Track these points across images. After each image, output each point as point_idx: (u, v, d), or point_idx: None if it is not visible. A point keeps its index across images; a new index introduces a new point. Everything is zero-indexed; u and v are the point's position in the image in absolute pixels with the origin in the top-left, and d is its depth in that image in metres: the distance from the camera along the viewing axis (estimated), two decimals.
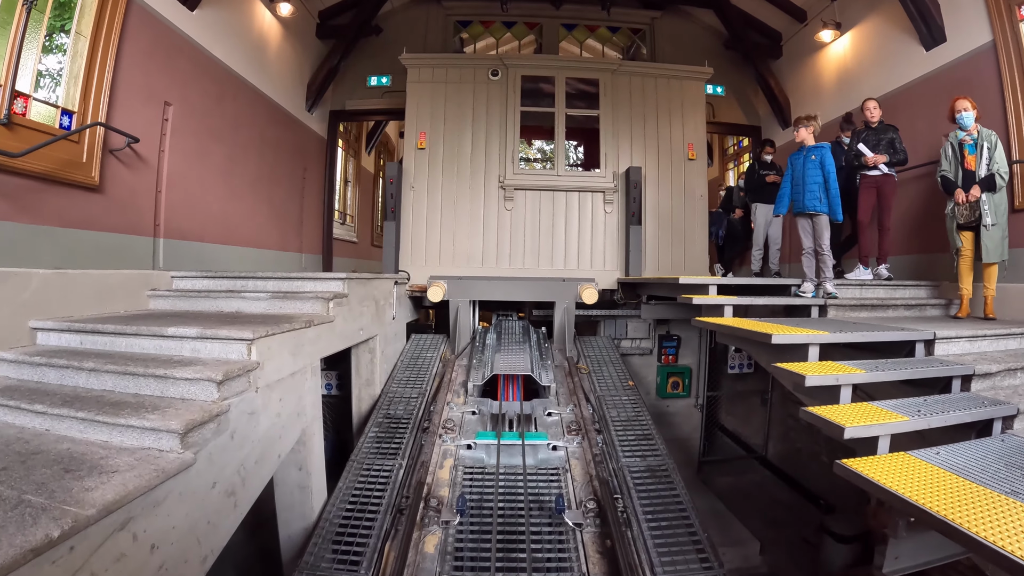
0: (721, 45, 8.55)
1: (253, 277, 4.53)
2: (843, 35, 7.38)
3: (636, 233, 6.49)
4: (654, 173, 6.94)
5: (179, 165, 5.15)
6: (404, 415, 5.07)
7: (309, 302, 4.02)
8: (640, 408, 5.25)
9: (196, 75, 5.38)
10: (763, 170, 7.49)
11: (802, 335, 3.10)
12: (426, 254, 6.75)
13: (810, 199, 4.52)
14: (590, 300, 6.02)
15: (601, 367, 6.03)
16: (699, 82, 7.18)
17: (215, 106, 5.67)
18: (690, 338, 7.59)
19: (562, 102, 6.91)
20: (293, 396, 3.48)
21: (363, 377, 5.38)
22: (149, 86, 4.77)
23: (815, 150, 4.59)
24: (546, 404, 5.07)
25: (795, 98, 8.33)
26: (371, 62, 8.34)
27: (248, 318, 3.75)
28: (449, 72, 6.94)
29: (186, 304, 4.46)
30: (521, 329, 6.59)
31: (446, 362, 5.87)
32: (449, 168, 6.87)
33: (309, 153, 7.95)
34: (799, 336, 3.09)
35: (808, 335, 3.11)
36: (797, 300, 4.51)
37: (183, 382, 2.80)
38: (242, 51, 6.14)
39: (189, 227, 5.35)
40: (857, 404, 2.86)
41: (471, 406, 5.03)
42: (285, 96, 7.15)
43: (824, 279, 4.69)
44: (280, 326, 3.28)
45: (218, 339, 3.04)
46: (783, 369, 2.83)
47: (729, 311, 4.19)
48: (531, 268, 6.79)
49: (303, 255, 7.76)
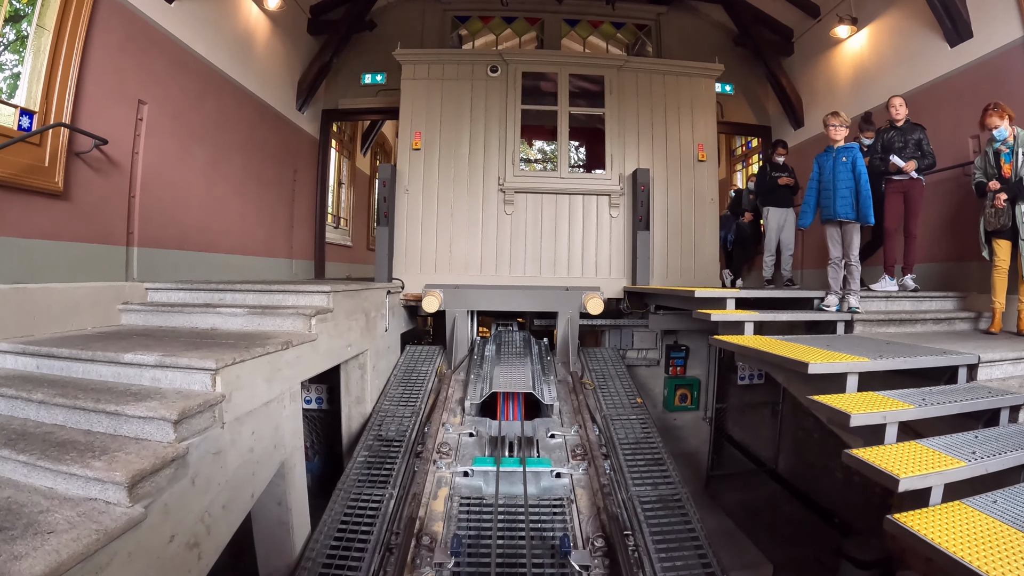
0: (729, 42, 8.20)
1: (231, 290, 4.19)
2: (860, 31, 7.03)
3: (644, 239, 6.13)
4: (662, 175, 6.58)
5: (155, 168, 4.80)
6: (396, 436, 4.73)
7: (290, 319, 3.68)
8: (650, 428, 4.90)
9: (175, 72, 5.03)
10: (775, 172, 7.15)
11: (841, 363, 2.76)
12: (421, 261, 6.39)
13: (842, 205, 4.17)
14: (595, 311, 5.67)
15: (607, 381, 5.69)
16: (709, 79, 6.82)
17: (196, 105, 5.32)
18: (699, 348, 7.26)
19: (565, 100, 6.54)
20: (268, 427, 3.14)
21: (353, 394, 5.03)
22: (121, 84, 4.42)
23: (846, 151, 4.23)
24: (549, 424, 4.73)
25: (808, 97, 7.98)
26: (365, 59, 7.99)
27: (221, 338, 3.41)
28: (446, 68, 6.57)
29: (159, 320, 4.12)
30: (522, 340, 6.25)
31: (442, 377, 5.53)
32: (446, 170, 6.51)
33: (300, 154, 7.60)
34: (838, 364, 2.75)
35: (848, 363, 2.77)
36: (822, 315, 4.16)
37: (136, 420, 2.46)
38: (226, 47, 5.79)
39: (167, 235, 5.00)
40: (905, 445, 2.51)
41: (468, 426, 4.69)
42: (274, 94, 6.80)
43: (849, 291, 4.34)
44: (252, 350, 2.93)
45: (178, 368, 2.69)
46: (823, 404, 2.49)
47: (750, 328, 3.84)
48: (532, 276, 6.43)
49: (293, 261, 7.41)
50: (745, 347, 3.28)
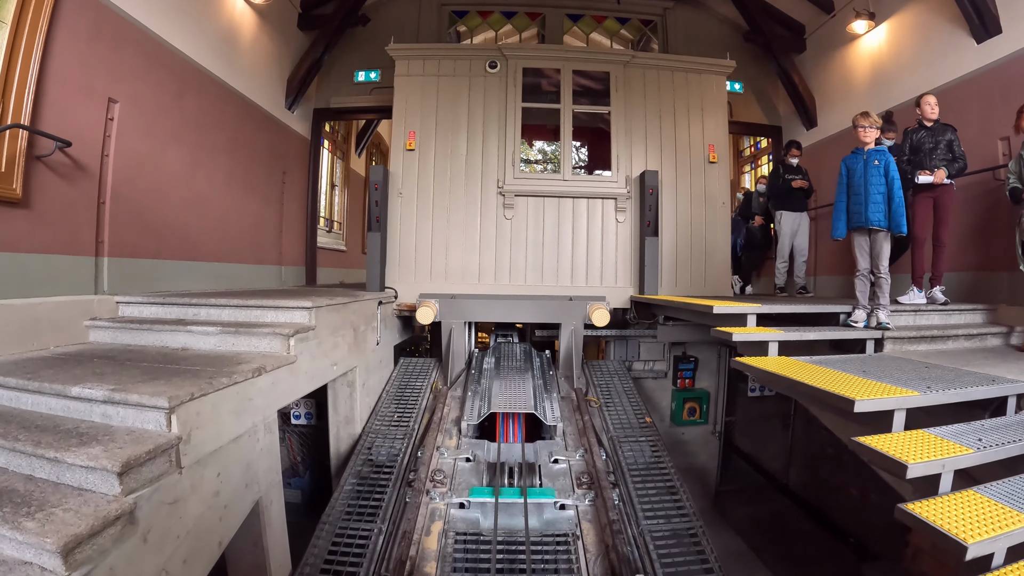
0: (738, 39, 7.84)
1: (206, 304, 3.85)
2: (878, 26, 6.69)
3: (652, 245, 5.77)
4: (671, 177, 6.22)
5: (128, 171, 4.46)
6: (387, 461, 4.39)
7: (266, 339, 3.34)
8: (660, 452, 4.57)
9: (150, 68, 4.68)
10: (788, 174, 6.82)
11: (890, 399, 2.42)
12: (416, 269, 6.03)
13: (874, 212, 3.82)
14: (601, 323, 5.33)
15: (613, 398, 5.35)
16: (720, 76, 6.46)
17: (174, 104, 4.97)
18: (708, 359, 6.93)
19: (568, 97, 6.18)
20: (238, 465, 2.80)
21: (341, 414, 4.70)
22: (88, 81, 4.07)
23: (877, 154, 3.89)
24: (552, 448, 4.40)
25: (821, 96, 7.64)
26: (358, 56, 7.64)
27: (189, 362, 3.08)
28: (442, 64, 6.21)
29: (128, 337, 3.79)
30: (522, 353, 5.91)
31: (437, 393, 5.19)
32: (441, 172, 6.15)
33: (289, 155, 7.24)
34: (887, 401, 2.41)
35: (897, 398, 2.43)
36: (851, 332, 3.82)
37: (79, 469, 2.12)
38: (208, 42, 5.44)
39: (143, 243, 4.66)
40: (963, 494, 2.17)
41: (465, 450, 4.34)
42: (261, 93, 6.45)
43: (878, 306, 4.00)
44: (216, 381, 2.59)
45: (128, 405, 2.35)
46: (876, 451, 2.15)
47: (774, 348, 3.50)
48: (534, 285, 6.07)
49: (282, 268, 7.07)
50: (774, 374, 2.94)
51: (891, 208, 3.82)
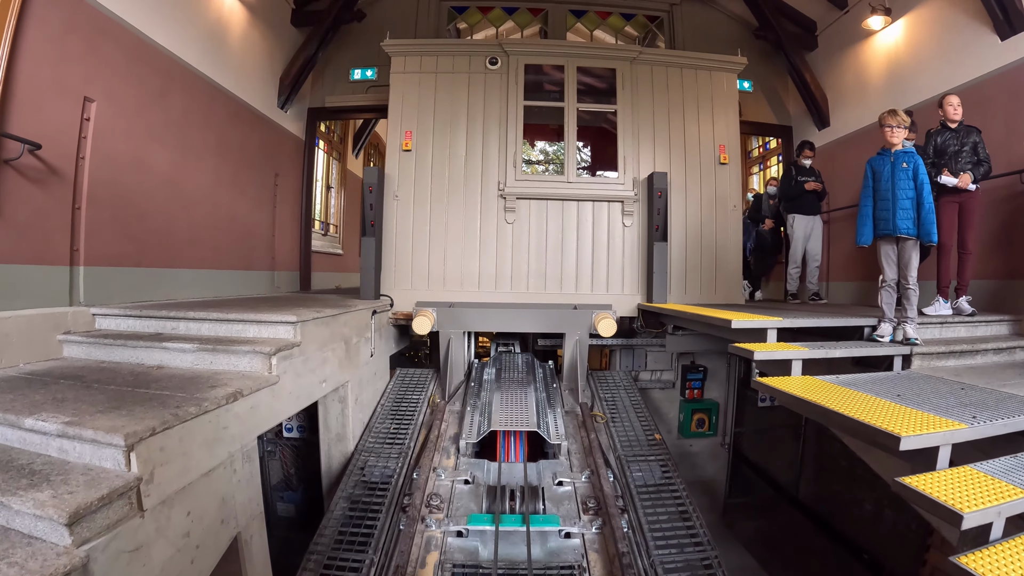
0: (747, 36, 7.55)
1: (184, 318, 3.59)
2: (894, 22, 6.42)
3: (660, 251, 5.50)
4: (680, 179, 5.94)
5: (106, 175, 4.20)
6: (381, 482, 4.15)
7: (246, 357, 3.08)
8: (671, 472, 4.32)
9: (130, 65, 4.42)
10: (801, 176, 6.56)
11: (939, 434, 2.15)
12: (412, 276, 5.77)
13: (902, 219, 3.56)
14: (607, 333, 5.07)
15: (620, 413, 5.10)
16: (731, 74, 6.18)
17: (157, 103, 4.71)
18: (717, 369, 6.66)
19: (573, 95, 5.90)
20: (212, 501, 2.54)
21: (333, 431, 4.44)
22: (61, 79, 3.81)
23: (906, 156, 3.61)
24: (556, 468, 4.14)
25: (833, 95, 7.36)
26: (354, 53, 7.37)
27: (161, 384, 2.82)
28: (440, 61, 5.94)
29: (102, 353, 3.54)
30: (524, 365, 5.65)
31: (435, 408, 4.93)
32: (439, 173, 5.88)
33: (282, 156, 6.98)
34: (934, 437, 2.14)
35: (944, 433, 2.17)
36: (879, 348, 3.56)
37: (29, 517, 1.87)
38: (194, 38, 5.18)
39: (123, 250, 4.41)
40: (1016, 543, 1.91)
41: (463, 471, 4.09)
42: (252, 91, 6.18)
43: (905, 319, 3.73)
44: (183, 411, 2.33)
45: (84, 440, 2.10)
46: (927, 497, 1.88)
47: (798, 367, 3.24)
48: (536, 292, 5.80)
49: (275, 273, 6.81)
50: (803, 400, 2.67)
51: (920, 215, 3.55)
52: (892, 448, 2.12)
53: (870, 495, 6.35)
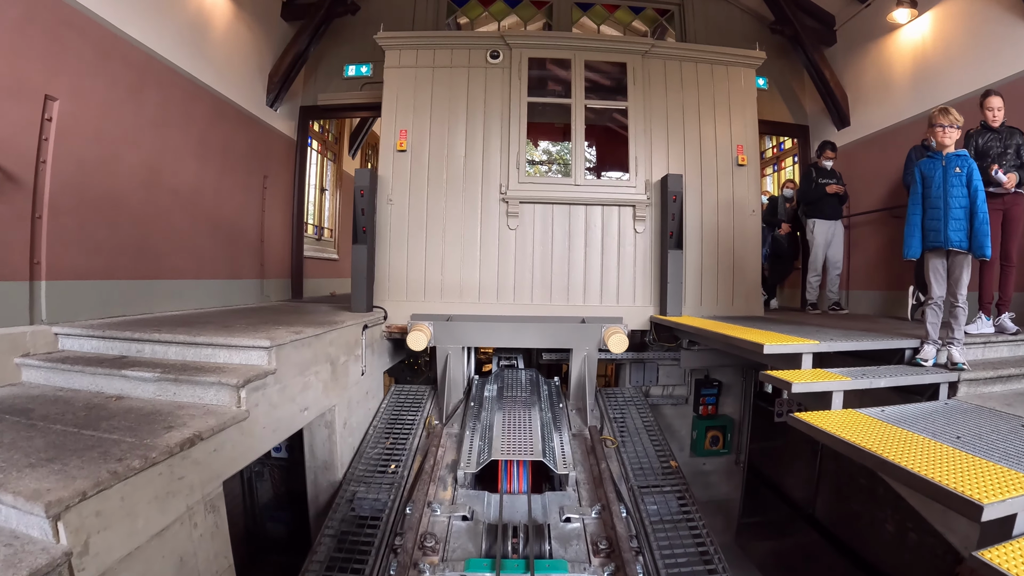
0: (761, 31, 7.15)
1: (150, 340, 3.22)
2: (920, 15, 6.03)
3: (675, 260, 5.10)
4: (695, 182, 5.53)
5: (72, 180, 3.84)
6: (371, 517, 3.79)
7: (212, 389, 2.71)
8: (689, 505, 3.95)
9: (100, 61, 4.06)
10: (822, 178, 6.18)
11: (1020, 498, 1.79)
12: (407, 286, 5.38)
13: (954, 231, 3.17)
14: (618, 349, 4.69)
15: (631, 435, 4.73)
16: (749, 69, 5.77)
17: (130, 101, 4.35)
18: (732, 383, 6.28)
19: (580, 91, 5.50)
20: (168, 563, 2.17)
21: (319, 459, 4.08)
22: (18, 76, 3.45)
23: (959, 160, 3.22)
24: (563, 502, 3.75)
25: (854, 92, 6.97)
26: (348, 48, 6.98)
27: (117, 419, 2.47)
28: (438, 55, 5.54)
29: (61, 379, 3.19)
30: (528, 381, 5.27)
31: (431, 431, 4.56)
32: (437, 175, 5.49)
33: (271, 157, 6.60)
34: (1018, 502, 1.78)
35: None
36: (926, 376, 3.18)
37: None
38: (172, 31, 4.81)
39: (90, 262, 4.04)
40: None
41: (461, 506, 3.70)
42: (237, 88, 5.81)
43: (951, 340, 3.36)
44: (125, 464, 1.97)
45: (5, 504, 1.75)
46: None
47: (839, 399, 2.87)
48: (541, 304, 5.41)
49: (264, 281, 6.44)
50: (855, 446, 2.29)
51: (973, 225, 3.17)
52: (971, 516, 1.75)
53: (892, 515, 6.00)
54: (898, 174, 6.02)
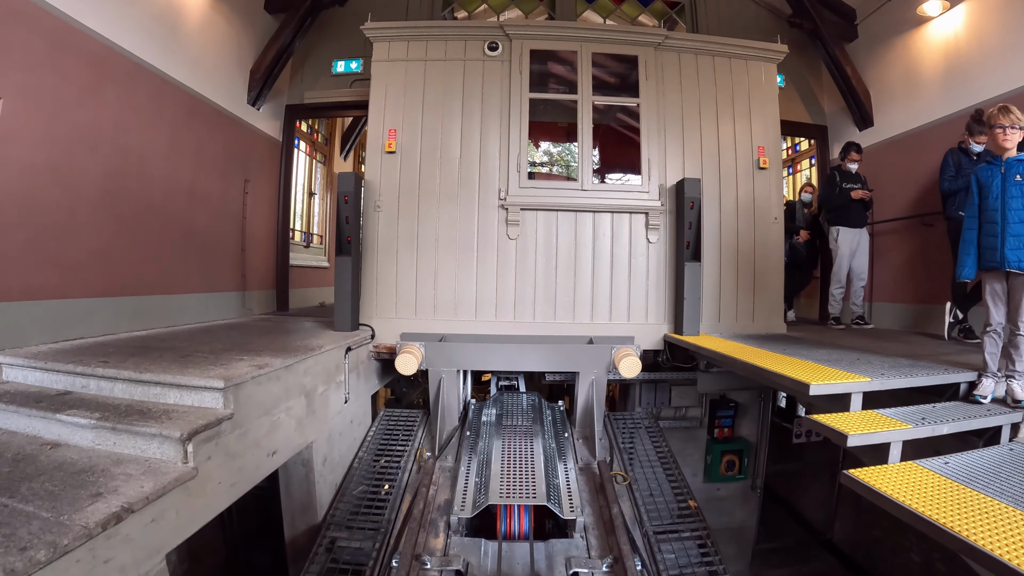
0: (777, 25, 6.68)
1: (94, 375, 2.78)
2: (953, 7, 5.59)
3: (693, 273, 4.64)
4: (713, 187, 5.06)
5: (17, 188, 3.41)
6: (354, 566, 3.36)
7: (154, 441, 2.27)
8: (711, 554, 3.52)
9: (51, 54, 3.62)
10: (847, 183, 5.74)
11: None
12: (397, 302, 4.93)
13: (1013, 248, 2.74)
14: (630, 374, 4.26)
15: (644, 468, 4.30)
16: (771, 64, 5.31)
17: (86, 100, 3.90)
18: (750, 404, 5.84)
19: (588, 87, 5.03)
20: None
21: (296, 500, 3.65)
22: None
23: (1021, 166, 2.80)
24: (570, 552, 3.32)
25: (878, 90, 6.52)
26: (336, 42, 6.53)
27: (41, 481, 2.04)
28: (431, 47, 5.08)
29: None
30: (530, 407, 4.84)
31: (423, 465, 4.12)
32: (429, 180, 5.03)
33: (253, 160, 6.15)
34: None
35: None
36: (989, 418, 2.74)
37: None
38: (137, 22, 4.37)
39: (41, 279, 3.61)
40: None
41: (454, 557, 3.26)
42: (213, 85, 5.36)
43: (1014, 374, 2.93)
44: (30, 555, 1.53)
45: None
46: None
47: (896, 450, 2.44)
48: (544, 322, 4.95)
49: (246, 293, 5.99)
50: (927, 520, 1.87)
51: None
52: None
53: (918, 544, 5.59)
54: (928, 179, 5.57)
